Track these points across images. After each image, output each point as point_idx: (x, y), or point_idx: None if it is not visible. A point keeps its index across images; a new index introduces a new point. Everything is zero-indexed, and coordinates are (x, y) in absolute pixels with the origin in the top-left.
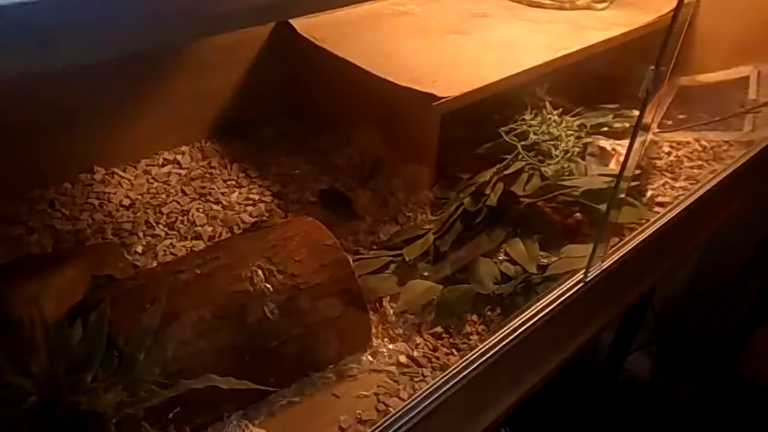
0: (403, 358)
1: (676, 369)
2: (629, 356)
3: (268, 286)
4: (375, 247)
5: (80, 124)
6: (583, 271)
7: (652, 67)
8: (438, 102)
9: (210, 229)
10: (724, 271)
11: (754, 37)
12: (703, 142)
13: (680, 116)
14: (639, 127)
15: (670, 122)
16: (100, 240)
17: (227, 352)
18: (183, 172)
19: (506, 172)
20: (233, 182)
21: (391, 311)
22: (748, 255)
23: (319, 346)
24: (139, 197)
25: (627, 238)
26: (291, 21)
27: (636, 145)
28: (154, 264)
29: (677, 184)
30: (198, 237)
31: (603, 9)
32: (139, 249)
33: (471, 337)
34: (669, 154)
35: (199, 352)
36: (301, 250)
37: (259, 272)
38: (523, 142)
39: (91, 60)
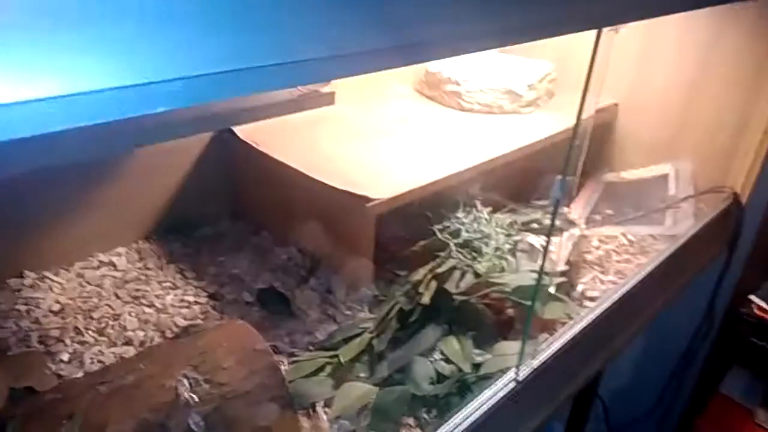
0: None
1: None
2: None
3: (194, 396)
4: (312, 348)
5: (10, 227)
6: (515, 369)
7: (559, 176)
8: (372, 204)
9: (141, 333)
10: (667, 357)
11: (669, 137)
12: (630, 236)
13: (607, 211)
14: (553, 230)
15: (598, 217)
16: (24, 348)
17: None
18: (118, 274)
19: (439, 270)
20: (169, 284)
21: (325, 417)
22: (687, 340)
23: None
24: (70, 302)
25: (556, 334)
26: (232, 127)
27: (561, 240)
28: (80, 373)
29: (606, 278)
30: (129, 342)
31: (529, 113)
32: (65, 357)
33: None
34: (598, 248)
35: None
36: (229, 357)
37: (185, 381)
38: (455, 240)
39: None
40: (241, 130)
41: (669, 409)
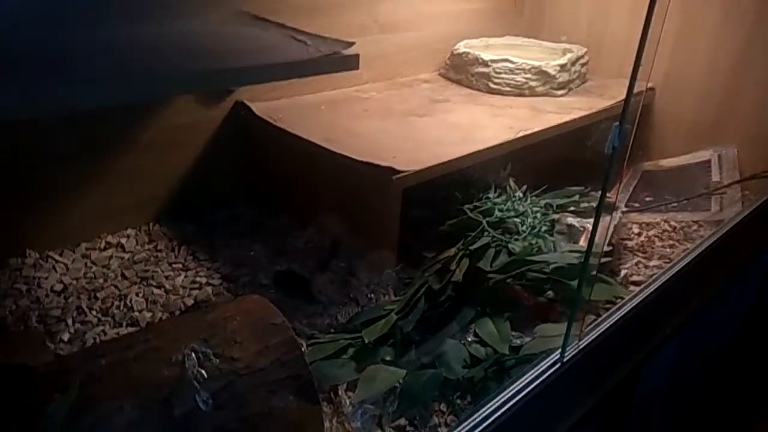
0: None
1: None
2: None
3: (202, 371)
4: (332, 330)
5: (12, 204)
6: (559, 351)
7: (617, 123)
8: (399, 176)
9: (149, 314)
10: (707, 361)
11: (710, 121)
12: (673, 223)
13: (647, 198)
14: (606, 189)
15: (637, 204)
16: (22, 328)
17: None
18: (126, 255)
19: (472, 248)
20: (179, 265)
21: (348, 401)
22: (729, 344)
23: None
24: (74, 282)
25: (604, 316)
26: (248, 103)
27: (605, 221)
28: None
29: (651, 263)
30: (134, 323)
31: (562, 96)
32: (66, 337)
33: (439, 429)
34: (639, 234)
35: None
36: (243, 330)
37: (192, 355)
38: (488, 218)
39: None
40: (258, 107)
41: (711, 415)
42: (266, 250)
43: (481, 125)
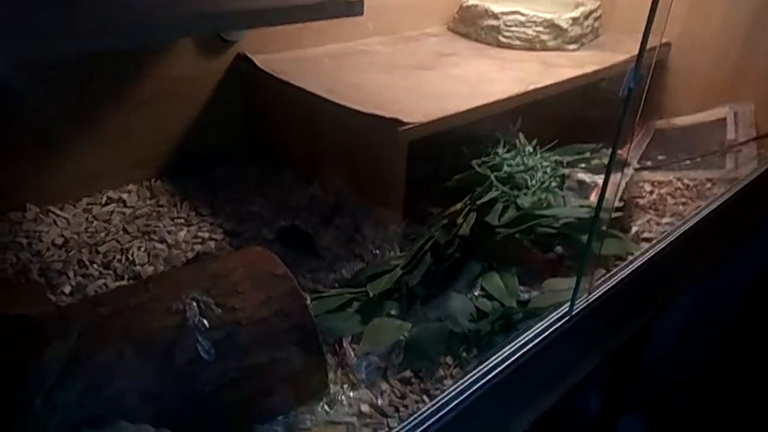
0: (365, 408)
1: (671, 429)
2: (621, 420)
3: (204, 320)
4: (336, 285)
5: (11, 158)
6: (568, 304)
7: (632, 65)
8: (404, 128)
9: (151, 268)
10: (715, 324)
11: (727, 78)
12: (686, 181)
13: (659, 157)
14: (621, 134)
15: (649, 163)
16: (23, 281)
17: (150, 398)
18: (128, 211)
19: (479, 202)
20: (182, 220)
21: (353, 353)
22: (738, 307)
23: (264, 393)
24: (75, 236)
25: (614, 270)
26: (250, 56)
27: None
28: None
29: (663, 221)
30: (136, 277)
31: (575, 50)
32: (67, 289)
33: (445, 381)
34: (651, 192)
35: (114, 396)
36: (245, 281)
37: (194, 305)
38: (496, 173)
39: None
40: (260, 59)
41: (718, 377)
42: (270, 205)
43: (490, 79)
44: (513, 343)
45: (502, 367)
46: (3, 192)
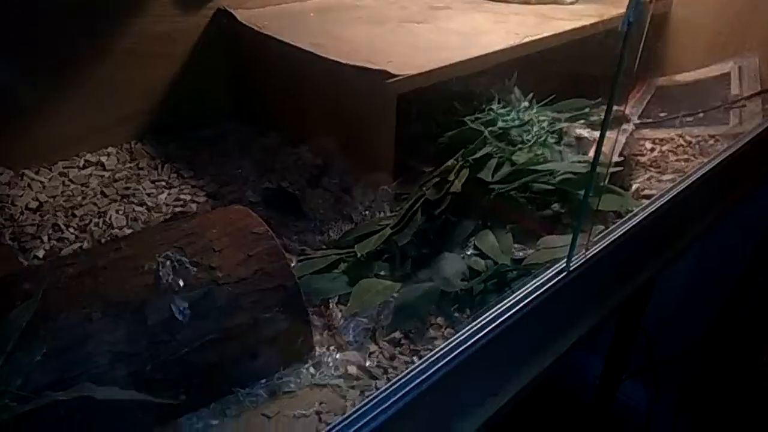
0: (352, 369)
1: (673, 397)
2: (623, 384)
3: (179, 280)
4: (324, 247)
5: None
6: (565, 260)
7: None
8: (393, 80)
9: (129, 231)
10: (717, 287)
11: (730, 31)
12: (688, 137)
13: (661, 114)
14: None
15: (650, 120)
16: None
17: (121, 360)
18: (106, 174)
19: (473, 158)
20: (163, 183)
21: (340, 315)
22: (741, 269)
23: (244, 355)
24: (50, 200)
25: (614, 226)
26: (230, 10)
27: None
28: None
29: (664, 177)
30: (114, 240)
31: (571, 3)
32: (41, 254)
33: (436, 342)
34: (652, 150)
35: (81, 358)
36: (222, 238)
37: (168, 263)
38: (490, 128)
39: None
40: (241, 14)
41: (720, 341)
42: (254, 167)
43: (484, 31)
44: (507, 300)
45: (495, 323)
46: None
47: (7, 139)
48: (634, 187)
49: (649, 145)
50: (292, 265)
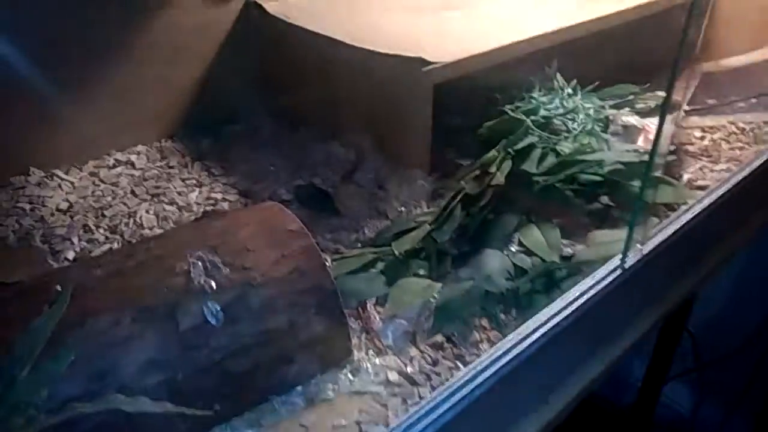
0: (393, 376)
1: (720, 399)
2: (666, 387)
3: (211, 281)
4: (359, 245)
5: (14, 120)
6: (620, 257)
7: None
8: (429, 68)
9: (159, 232)
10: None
11: None
12: (741, 124)
13: (708, 101)
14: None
15: (698, 107)
16: (26, 248)
17: (152, 368)
18: (136, 173)
19: (515, 148)
20: (193, 181)
21: (378, 317)
22: None
23: (280, 361)
24: (81, 200)
25: (668, 219)
26: (260, 1)
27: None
28: None
29: (717, 167)
30: (143, 240)
31: None
32: (71, 255)
33: (481, 346)
34: (702, 138)
35: (110, 367)
36: (256, 238)
37: (199, 264)
38: (532, 117)
39: None
40: (271, 6)
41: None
42: (287, 163)
43: (525, 16)
44: (560, 301)
45: (551, 324)
46: (5, 156)
47: (36, 139)
48: (685, 177)
49: (698, 134)
50: (327, 264)
